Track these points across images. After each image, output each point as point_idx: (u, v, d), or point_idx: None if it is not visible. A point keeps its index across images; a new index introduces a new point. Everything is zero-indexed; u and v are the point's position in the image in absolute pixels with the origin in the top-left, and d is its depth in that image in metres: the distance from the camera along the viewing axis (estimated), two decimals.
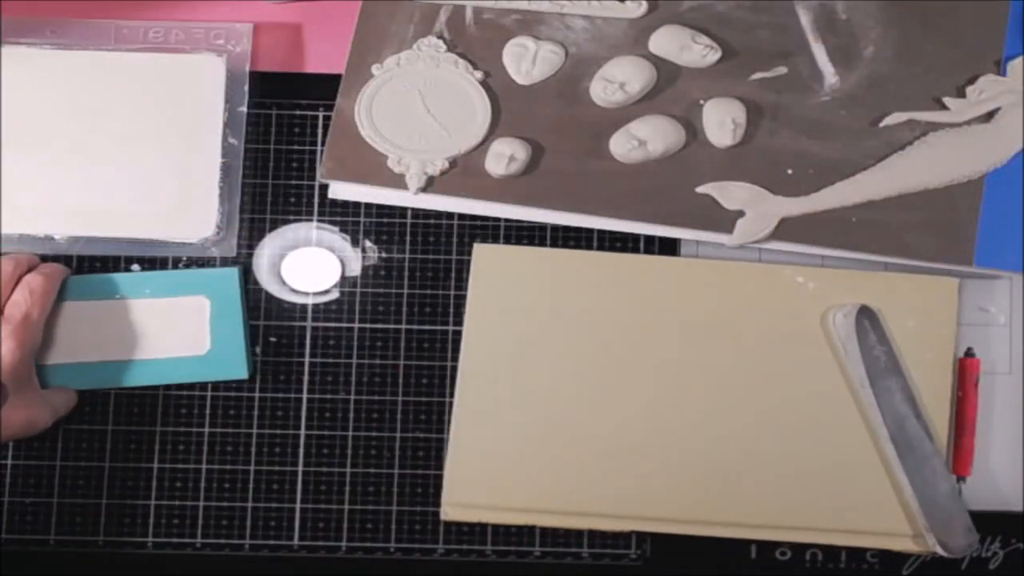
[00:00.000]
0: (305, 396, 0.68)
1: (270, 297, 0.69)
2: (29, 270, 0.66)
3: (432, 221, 0.70)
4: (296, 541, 0.67)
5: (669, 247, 0.70)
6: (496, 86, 0.69)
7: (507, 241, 0.70)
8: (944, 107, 0.69)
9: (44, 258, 0.68)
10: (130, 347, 0.68)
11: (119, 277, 0.68)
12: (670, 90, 0.69)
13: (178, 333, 0.68)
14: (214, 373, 0.68)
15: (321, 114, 0.71)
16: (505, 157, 0.67)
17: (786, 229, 0.68)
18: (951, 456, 0.68)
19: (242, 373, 0.68)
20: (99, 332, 0.68)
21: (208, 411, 0.68)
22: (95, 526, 0.67)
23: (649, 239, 0.70)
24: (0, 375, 0.62)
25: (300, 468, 0.68)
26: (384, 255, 0.70)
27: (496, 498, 0.66)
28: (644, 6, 0.70)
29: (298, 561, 0.67)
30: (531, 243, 0.70)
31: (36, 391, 0.65)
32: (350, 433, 0.68)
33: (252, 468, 0.68)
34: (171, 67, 0.70)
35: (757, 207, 0.68)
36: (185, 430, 0.68)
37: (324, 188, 0.70)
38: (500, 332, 0.67)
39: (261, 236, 0.70)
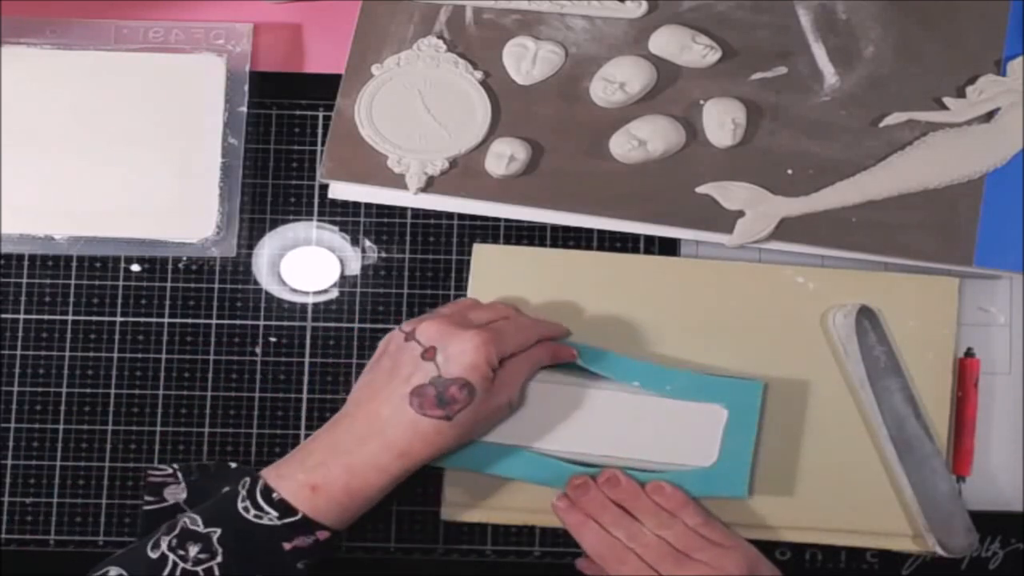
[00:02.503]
0: (305, 396, 0.68)
1: (270, 297, 0.69)
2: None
3: (432, 221, 0.70)
4: None
5: (669, 247, 0.70)
6: (496, 86, 0.69)
7: (507, 241, 0.70)
8: (944, 107, 0.69)
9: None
10: (630, 445, 0.65)
11: (644, 366, 0.65)
12: (670, 90, 0.69)
13: (688, 440, 0.65)
14: (713, 488, 0.64)
15: (321, 114, 0.71)
16: (505, 157, 0.67)
17: (786, 229, 0.68)
18: (951, 456, 0.68)
19: (742, 492, 0.64)
20: (597, 420, 0.65)
21: (208, 411, 0.68)
22: (95, 526, 0.67)
23: (649, 239, 0.70)
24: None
25: None
26: (384, 255, 0.70)
27: (496, 498, 0.66)
28: (644, 6, 0.70)
29: None
30: (531, 243, 0.70)
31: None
32: None
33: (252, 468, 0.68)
34: (171, 67, 0.70)
35: (757, 207, 0.68)
36: (185, 430, 0.68)
37: (324, 188, 0.70)
38: None
39: (261, 236, 0.70)
